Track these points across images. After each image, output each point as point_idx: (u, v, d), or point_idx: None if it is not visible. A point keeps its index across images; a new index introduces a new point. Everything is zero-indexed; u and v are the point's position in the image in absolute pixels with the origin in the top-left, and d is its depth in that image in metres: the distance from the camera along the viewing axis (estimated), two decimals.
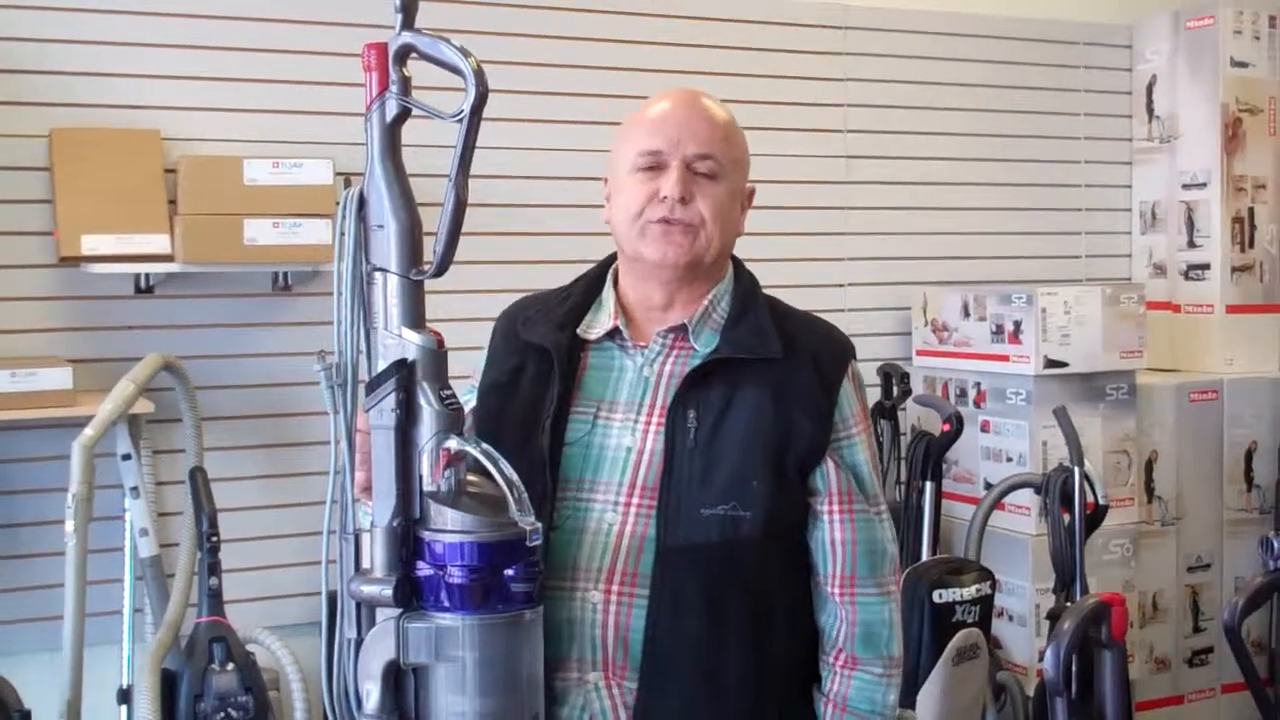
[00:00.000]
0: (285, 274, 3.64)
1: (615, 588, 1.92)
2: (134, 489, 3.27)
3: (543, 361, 2.03)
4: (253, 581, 3.58)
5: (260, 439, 3.69)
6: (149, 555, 3.30)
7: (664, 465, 1.94)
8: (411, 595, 1.66)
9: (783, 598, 1.98)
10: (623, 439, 1.98)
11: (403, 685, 1.68)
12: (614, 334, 2.05)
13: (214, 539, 3.14)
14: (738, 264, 2.12)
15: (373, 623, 1.70)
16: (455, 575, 1.63)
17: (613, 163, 2.05)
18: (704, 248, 1.98)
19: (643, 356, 2.03)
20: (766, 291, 2.11)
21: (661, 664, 1.91)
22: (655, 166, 1.98)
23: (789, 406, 1.95)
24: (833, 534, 1.99)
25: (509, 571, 1.65)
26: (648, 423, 1.99)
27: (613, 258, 2.11)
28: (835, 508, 1.99)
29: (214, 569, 3.14)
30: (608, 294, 2.08)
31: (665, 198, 1.95)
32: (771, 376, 1.96)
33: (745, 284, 2.09)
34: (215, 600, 3.13)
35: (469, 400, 2.12)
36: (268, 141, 3.62)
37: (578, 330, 2.06)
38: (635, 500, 1.94)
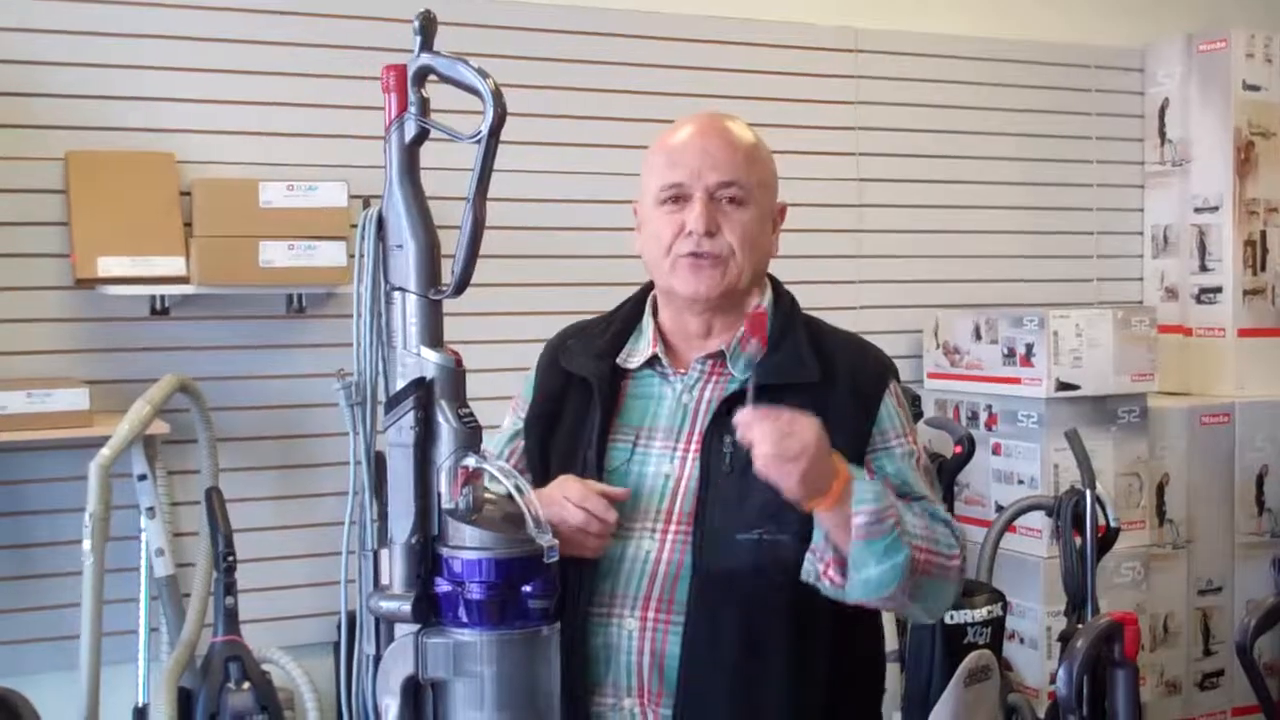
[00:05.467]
0: (300, 296, 3.66)
1: (651, 615, 1.93)
2: (150, 509, 3.29)
3: (584, 391, 2.04)
4: (267, 602, 3.58)
5: (275, 460, 3.70)
6: (165, 575, 3.31)
7: (699, 491, 1.94)
8: (430, 611, 1.67)
9: (827, 626, 1.94)
10: (661, 466, 1.99)
11: (421, 700, 1.69)
12: (653, 362, 2.06)
13: (230, 559, 3.15)
14: (776, 285, 2.11)
15: (391, 639, 1.70)
16: (473, 591, 1.64)
17: (640, 191, 2.06)
18: (735, 278, 1.98)
19: (681, 383, 2.04)
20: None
21: (697, 692, 1.91)
22: (679, 198, 1.98)
23: (826, 429, 1.90)
24: None
25: (526, 588, 1.66)
26: (686, 450, 1.99)
27: (651, 285, 2.12)
28: None
29: (230, 589, 3.15)
30: (647, 322, 2.09)
31: (691, 232, 1.96)
32: (809, 400, 1.93)
33: (784, 306, 2.07)
34: (231, 619, 3.15)
35: (516, 432, 2.14)
36: (283, 164, 3.64)
37: (617, 359, 2.07)
38: (673, 527, 1.95)
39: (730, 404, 1.96)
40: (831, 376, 1.97)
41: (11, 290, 3.44)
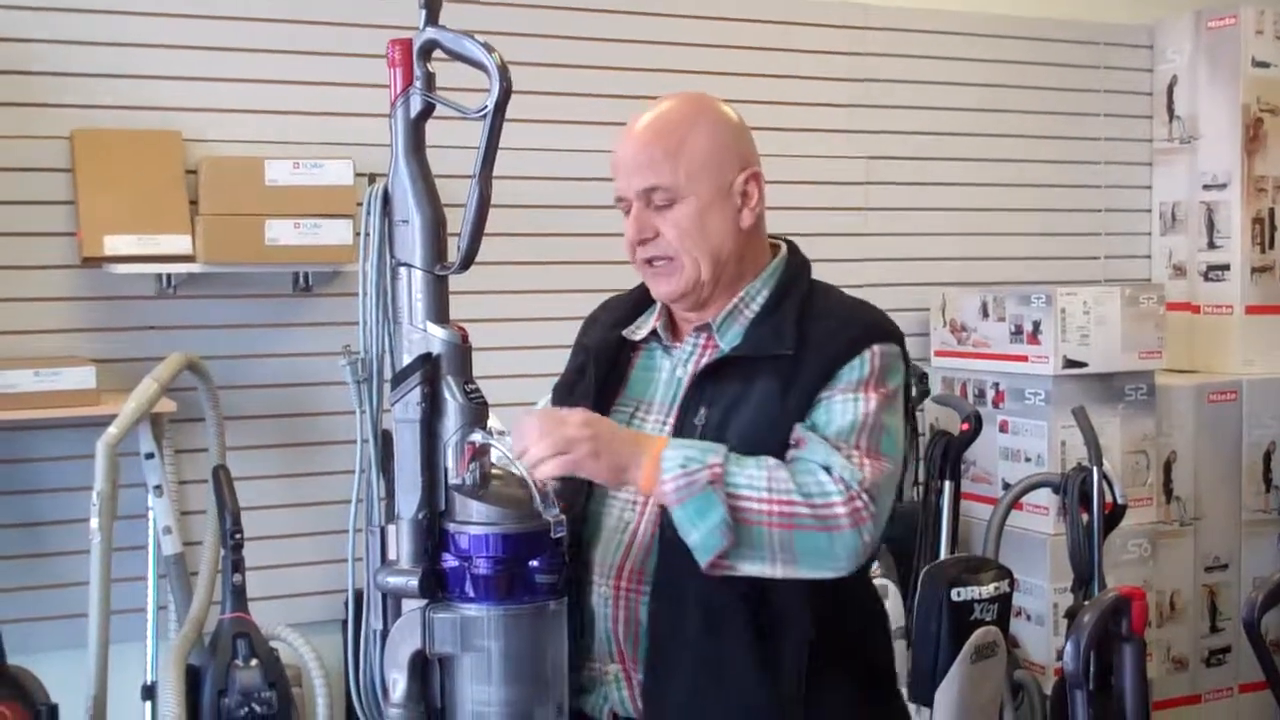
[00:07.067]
0: (306, 274, 3.66)
1: (624, 584, 1.94)
2: (157, 487, 3.30)
3: (596, 362, 2.06)
4: (275, 579, 3.59)
5: (282, 438, 3.71)
6: (172, 553, 3.32)
7: None
8: (437, 586, 1.68)
9: (795, 601, 1.91)
10: None
11: (429, 675, 1.70)
12: (657, 335, 2.08)
13: (237, 536, 3.15)
14: (791, 253, 2.10)
15: (398, 614, 1.71)
16: (480, 566, 1.65)
17: None
18: (693, 275, 1.98)
19: (677, 356, 2.05)
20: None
21: (664, 658, 1.92)
22: (627, 209, 2.00)
23: (795, 398, 1.92)
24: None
25: (534, 563, 1.67)
26: (672, 423, 2.00)
27: None
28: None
29: (237, 566, 3.15)
30: None
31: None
32: (784, 370, 1.93)
33: (787, 276, 2.06)
34: (238, 597, 3.15)
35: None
36: (288, 142, 3.63)
37: (624, 331, 2.10)
38: (651, 499, 1.94)
39: (704, 375, 1.97)
40: (805, 346, 1.94)
41: (18, 269, 3.44)
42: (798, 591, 1.89)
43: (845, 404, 1.90)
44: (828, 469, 1.82)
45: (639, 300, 2.13)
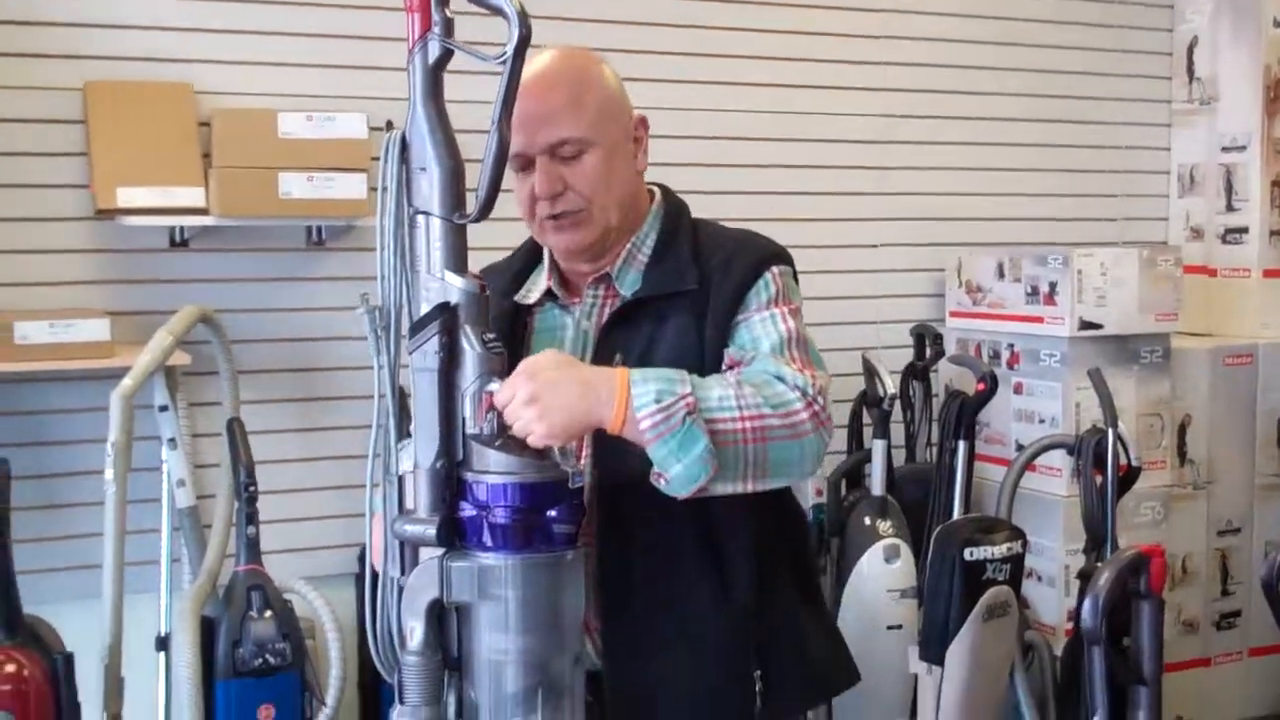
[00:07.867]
0: (319, 228, 3.65)
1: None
2: (171, 440, 3.30)
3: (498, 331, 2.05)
4: (288, 533, 3.61)
5: (295, 392, 3.71)
6: (186, 505, 3.33)
7: None
8: (455, 535, 1.68)
9: (734, 515, 1.91)
10: None
11: (446, 623, 1.69)
12: (552, 294, 2.08)
13: (251, 489, 3.16)
14: (666, 196, 2.12)
15: (416, 563, 1.71)
16: (498, 516, 1.64)
17: None
18: (602, 223, 1.99)
19: (579, 311, 2.06)
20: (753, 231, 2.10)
21: (618, 602, 1.94)
22: (526, 167, 1.98)
23: (710, 327, 1.94)
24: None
25: (551, 512, 1.66)
26: None
27: None
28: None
29: (252, 518, 3.16)
30: (546, 255, 2.11)
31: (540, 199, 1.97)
32: (692, 304, 1.96)
33: (670, 218, 2.08)
34: (253, 549, 3.16)
35: None
36: (302, 95, 3.62)
37: (516, 296, 2.09)
38: (583, 455, 1.95)
39: (614, 322, 1.99)
40: (709, 279, 1.97)
41: (32, 221, 3.44)
42: (739, 508, 1.89)
43: (764, 322, 1.94)
44: (780, 378, 1.84)
45: (524, 264, 2.14)
